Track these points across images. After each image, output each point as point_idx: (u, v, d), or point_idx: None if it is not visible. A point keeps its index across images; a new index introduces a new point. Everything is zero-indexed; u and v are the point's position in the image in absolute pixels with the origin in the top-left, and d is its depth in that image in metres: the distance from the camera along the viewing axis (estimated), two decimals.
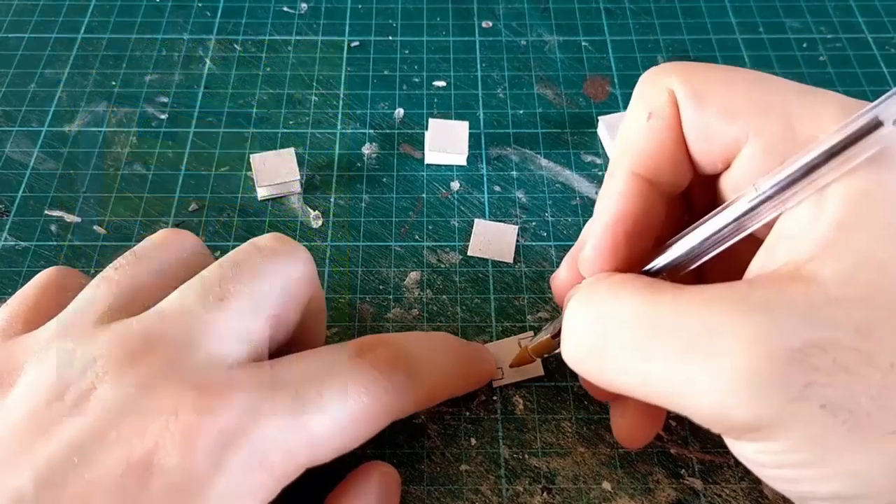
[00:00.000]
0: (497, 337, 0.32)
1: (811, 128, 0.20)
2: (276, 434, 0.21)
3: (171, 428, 0.20)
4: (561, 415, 0.30)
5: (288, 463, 0.21)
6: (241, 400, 0.21)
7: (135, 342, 0.22)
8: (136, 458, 0.19)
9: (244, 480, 0.20)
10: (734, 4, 0.47)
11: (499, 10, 0.46)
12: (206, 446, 0.20)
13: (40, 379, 0.21)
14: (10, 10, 0.46)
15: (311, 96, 0.41)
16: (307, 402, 0.22)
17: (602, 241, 0.24)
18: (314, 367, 0.23)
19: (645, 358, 0.20)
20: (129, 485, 0.19)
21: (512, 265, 0.35)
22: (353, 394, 0.23)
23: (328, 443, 0.22)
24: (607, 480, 0.29)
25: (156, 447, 0.20)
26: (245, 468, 0.20)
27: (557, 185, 0.38)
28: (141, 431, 0.20)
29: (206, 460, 0.20)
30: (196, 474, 0.20)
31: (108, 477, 0.19)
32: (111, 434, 0.20)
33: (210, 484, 0.20)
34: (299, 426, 0.21)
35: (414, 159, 0.39)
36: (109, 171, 0.38)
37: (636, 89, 0.24)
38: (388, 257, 0.35)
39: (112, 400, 0.20)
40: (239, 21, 0.45)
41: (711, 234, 0.22)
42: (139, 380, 0.21)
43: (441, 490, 0.28)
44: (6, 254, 0.35)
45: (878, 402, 0.18)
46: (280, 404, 0.21)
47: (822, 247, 0.19)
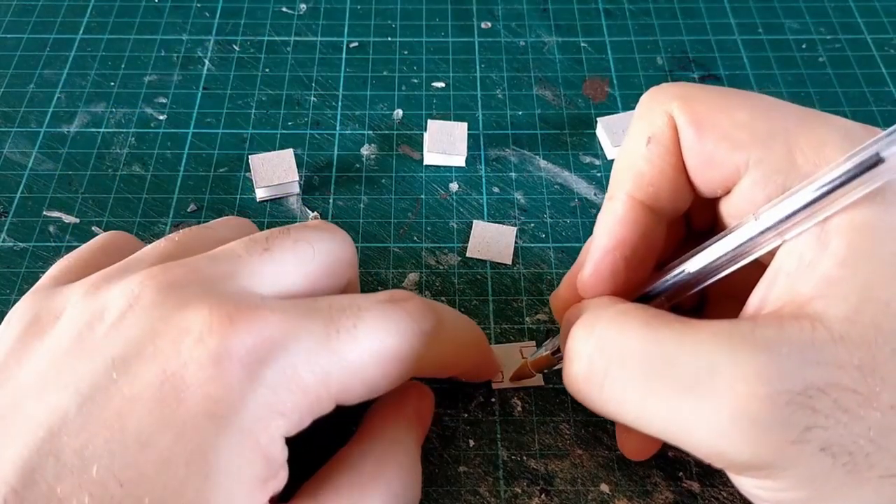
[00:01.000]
0: (496, 338, 0.32)
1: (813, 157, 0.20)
2: (309, 353, 0.21)
3: (206, 341, 0.20)
4: (559, 417, 0.30)
5: (320, 386, 0.21)
6: (274, 318, 0.21)
7: (176, 271, 0.22)
8: (172, 371, 0.20)
9: (277, 398, 0.21)
10: (733, 5, 0.47)
11: (498, 10, 0.46)
12: (240, 359, 0.20)
13: (84, 306, 0.22)
14: (8, 10, 0.46)
15: (310, 97, 0.41)
16: (340, 327, 0.22)
17: (601, 265, 0.24)
18: (348, 302, 0.23)
19: (645, 392, 0.20)
20: (165, 397, 0.20)
21: (510, 267, 0.35)
22: (386, 330, 0.23)
23: (359, 373, 0.22)
24: (605, 483, 0.29)
25: (190, 360, 0.20)
26: (278, 384, 0.21)
27: (556, 186, 0.38)
28: (176, 346, 0.20)
29: (239, 373, 0.20)
30: (230, 387, 0.20)
31: (146, 391, 0.20)
32: (148, 349, 0.20)
33: (244, 397, 0.20)
34: (332, 349, 0.22)
35: (413, 160, 0.39)
36: (108, 172, 0.38)
37: (636, 111, 0.24)
38: (386, 259, 0.35)
39: (148, 318, 0.21)
40: (238, 22, 0.45)
41: (711, 261, 0.22)
42: (176, 301, 0.21)
43: (439, 491, 0.28)
44: (5, 255, 0.35)
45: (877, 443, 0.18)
46: (314, 325, 0.22)
47: (826, 285, 0.19)
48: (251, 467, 0.20)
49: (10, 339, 0.22)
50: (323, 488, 0.23)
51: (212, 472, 0.19)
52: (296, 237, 0.24)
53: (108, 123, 0.40)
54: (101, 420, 0.19)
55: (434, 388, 0.29)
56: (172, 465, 0.19)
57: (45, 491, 0.18)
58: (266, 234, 0.24)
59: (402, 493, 0.24)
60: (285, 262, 0.24)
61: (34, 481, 0.19)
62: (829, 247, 0.19)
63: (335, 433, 0.25)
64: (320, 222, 0.27)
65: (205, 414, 0.20)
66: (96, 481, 0.19)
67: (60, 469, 0.19)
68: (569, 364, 0.23)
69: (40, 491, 0.18)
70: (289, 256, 0.24)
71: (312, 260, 0.24)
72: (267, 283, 0.23)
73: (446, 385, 0.31)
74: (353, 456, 0.24)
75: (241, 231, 0.27)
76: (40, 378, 0.21)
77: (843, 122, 0.21)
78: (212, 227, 0.27)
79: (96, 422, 0.19)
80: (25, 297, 0.24)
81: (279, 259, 0.24)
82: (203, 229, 0.27)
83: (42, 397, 0.20)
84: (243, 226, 0.28)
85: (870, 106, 0.41)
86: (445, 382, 0.31)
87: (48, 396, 0.20)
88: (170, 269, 0.23)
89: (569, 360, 0.23)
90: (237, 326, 0.21)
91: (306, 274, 0.24)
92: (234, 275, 0.23)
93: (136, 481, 0.19)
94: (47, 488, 0.18)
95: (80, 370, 0.20)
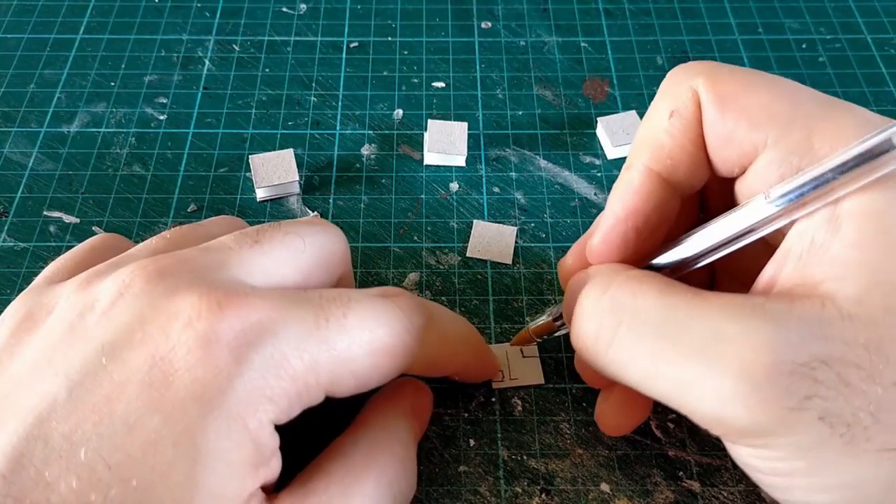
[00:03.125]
0: (496, 338, 0.32)
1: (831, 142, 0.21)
2: (298, 340, 0.21)
3: (195, 325, 0.20)
4: (559, 416, 0.30)
5: (309, 373, 0.21)
6: (263, 304, 0.21)
7: (166, 261, 0.23)
8: (161, 355, 0.20)
9: (265, 382, 0.21)
10: (733, 5, 0.47)
11: (498, 10, 0.46)
12: (228, 342, 0.20)
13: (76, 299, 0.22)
14: (9, 10, 0.46)
15: (310, 97, 0.41)
16: (330, 316, 0.22)
17: (612, 233, 0.24)
18: (338, 293, 0.23)
19: (653, 354, 0.21)
20: (154, 381, 0.20)
21: (511, 266, 0.35)
22: (376, 322, 0.23)
23: (348, 364, 0.22)
24: (606, 482, 0.29)
25: (179, 344, 0.20)
26: (266, 369, 0.21)
27: (556, 186, 0.38)
28: (165, 330, 0.20)
29: (227, 356, 0.20)
30: (217, 370, 0.20)
31: (135, 375, 0.20)
32: (137, 334, 0.21)
33: (231, 380, 0.20)
34: (321, 338, 0.22)
35: (413, 160, 0.39)
36: (108, 172, 0.38)
37: (662, 85, 0.24)
38: (386, 258, 0.35)
39: (138, 304, 0.21)
40: (238, 22, 0.45)
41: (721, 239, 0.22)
42: (166, 288, 0.21)
43: (440, 491, 0.28)
44: (5, 254, 0.35)
45: (877, 417, 0.18)
46: (303, 313, 0.22)
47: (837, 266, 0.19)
48: (240, 451, 0.20)
49: (2, 336, 0.22)
50: (314, 476, 0.23)
51: (200, 454, 0.19)
52: (286, 230, 0.24)
53: (108, 123, 0.40)
54: (90, 405, 0.20)
55: (434, 387, 0.29)
56: (160, 447, 0.19)
57: (34, 475, 0.19)
58: (256, 228, 0.25)
59: (395, 482, 0.24)
60: (276, 255, 0.24)
61: (22, 466, 0.19)
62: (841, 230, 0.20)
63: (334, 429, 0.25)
64: (312, 218, 0.27)
65: (192, 397, 0.20)
66: (84, 464, 0.19)
67: (49, 453, 0.19)
68: (578, 322, 0.23)
69: (28, 475, 0.19)
70: (279, 249, 0.24)
71: (303, 253, 0.24)
72: (257, 273, 0.23)
73: (447, 385, 0.31)
74: (346, 444, 0.24)
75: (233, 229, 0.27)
76: (31, 368, 0.21)
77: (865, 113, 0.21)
78: (203, 225, 0.27)
79: (85, 406, 0.20)
80: (19, 297, 0.24)
81: (269, 251, 0.24)
82: (195, 227, 0.27)
83: (33, 386, 0.20)
84: (235, 224, 0.28)
85: (870, 106, 0.41)
86: (444, 382, 0.31)
87: (39, 384, 0.20)
88: (160, 259, 0.23)
89: (579, 319, 0.23)
90: (226, 311, 0.21)
91: (297, 266, 0.24)
92: (224, 264, 0.23)
93: (123, 464, 0.19)
94: (35, 472, 0.19)
95: (71, 357, 0.21)
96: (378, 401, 0.26)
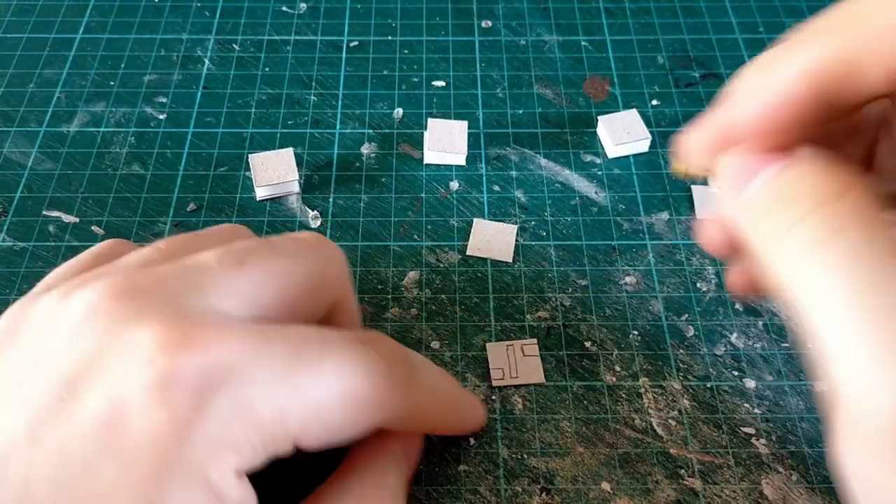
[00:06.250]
0: (496, 336, 0.32)
1: None
2: (267, 385, 0.20)
3: (155, 361, 0.19)
4: (560, 415, 0.30)
5: (276, 423, 0.20)
6: (232, 341, 0.20)
7: (136, 278, 0.21)
8: (118, 394, 0.19)
9: (228, 430, 0.19)
10: (734, 4, 0.46)
11: (498, 9, 0.46)
12: (189, 384, 0.19)
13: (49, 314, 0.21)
14: (8, 10, 0.46)
15: (310, 96, 0.41)
16: (305, 361, 0.20)
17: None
18: (317, 335, 0.22)
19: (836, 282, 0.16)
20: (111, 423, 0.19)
21: (511, 265, 0.35)
22: (353, 371, 0.21)
23: (320, 414, 0.21)
24: (606, 481, 0.29)
25: (137, 382, 0.19)
26: (229, 415, 0.19)
27: (557, 184, 0.38)
28: (124, 365, 0.19)
29: (188, 400, 0.19)
30: (177, 415, 0.19)
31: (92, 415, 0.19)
32: (96, 368, 0.19)
33: (191, 427, 0.19)
34: (292, 384, 0.20)
35: (413, 159, 0.39)
36: (108, 172, 0.38)
37: None
38: (386, 257, 0.35)
39: (100, 330, 0.20)
40: (238, 21, 0.45)
41: None
42: (130, 312, 0.20)
43: (440, 490, 0.28)
44: (4, 254, 0.35)
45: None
46: (276, 354, 0.20)
47: None
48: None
49: None
50: None
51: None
52: (276, 251, 0.23)
53: (107, 123, 0.40)
54: (48, 445, 0.19)
55: None
56: (115, 498, 0.18)
57: None
58: (244, 245, 0.23)
59: None
60: (259, 279, 0.22)
61: None
62: None
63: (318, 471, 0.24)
64: (310, 234, 0.25)
65: (149, 444, 0.18)
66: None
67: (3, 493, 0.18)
68: (773, 191, 0.18)
69: None
70: (264, 273, 0.22)
71: (291, 277, 0.23)
72: (235, 299, 0.21)
73: None
74: (333, 495, 0.23)
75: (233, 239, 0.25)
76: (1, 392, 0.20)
77: None
78: (203, 235, 0.26)
79: (42, 447, 0.19)
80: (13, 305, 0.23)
81: (253, 274, 0.22)
82: (192, 237, 0.25)
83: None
84: (238, 234, 0.26)
85: None
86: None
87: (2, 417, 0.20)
88: (131, 277, 0.21)
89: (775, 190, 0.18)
90: (190, 347, 0.19)
91: (282, 293, 0.22)
92: (199, 287, 0.21)
93: None
94: None
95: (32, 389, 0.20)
96: (367, 443, 0.25)
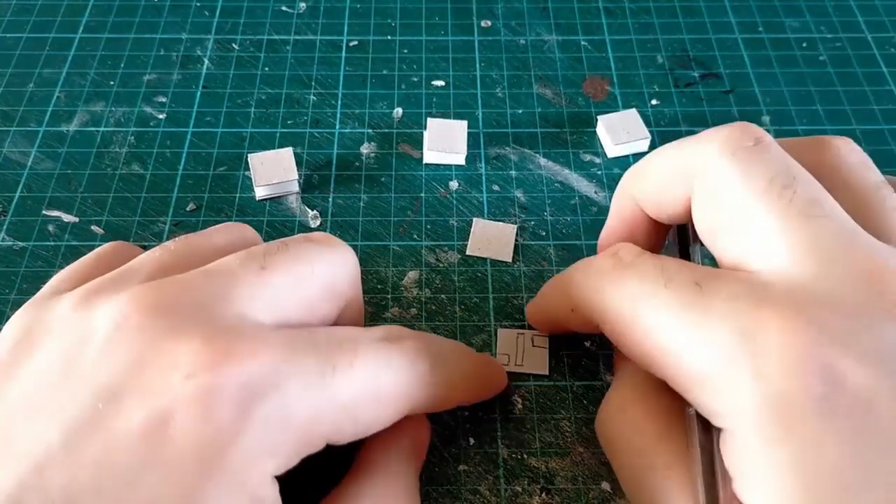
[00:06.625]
0: (495, 336, 0.32)
1: None
2: (303, 392, 0.20)
3: (197, 376, 0.19)
4: (560, 414, 0.30)
5: (312, 426, 0.21)
6: (268, 352, 0.20)
7: (167, 289, 0.21)
8: (160, 406, 0.19)
9: (268, 437, 0.20)
10: (734, 4, 0.46)
11: (498, 9, 0.46)
12: (231, 397, 0.19)
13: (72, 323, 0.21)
14: (8, 9, 0.46)
15: (310, 96, 0.41)
16: (337, 365, 0.21)
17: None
18: (345, 336, 0.22)
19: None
20: (152, 434, 0.19)
21: (511, 264, 0.35)
22: (384, 369, 0.22)
23: (352, 413, 0.22)
24: (606, 481, 0.29)
25: (180, 396, 0.19)
26: (270, 424, 0.20)
27: (556, 184, 0.38)
28: (165, 379, 0.19)
29: (230, 412, 0.19)
30: (220, 427, 0.19)
31: (133, 426, 0.19)
32: (135, 381, 0.20)
33: (234, 438, 0.19)
34: (326, 387, 0.21)
35: (412, 159, 0.39)
36: (107, 171, 0.38)
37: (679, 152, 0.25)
38: (386, 257, 0.35)
39: (137, 344, 0.20)
40: (237, 21, 0.45)
41: None
42: (167, 326, 0.20)
43: (439, 490, 0.28)
44: (4, 254, 0.35)
45: None
46: (310, 361, 0.21)
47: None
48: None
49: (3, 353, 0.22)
50: None
51: None
52: (295, 255, 0.23)
53: (107, 122, 0.40)
54: (87, 455, 0.19)
55: None
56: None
57: None
58: (263, 250, 0.23)
59: None
60: (281, 284, 0.23)
61: None
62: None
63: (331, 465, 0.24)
64: (322, 235, 0.25)
65: (193, 455, 0.19)
66: None
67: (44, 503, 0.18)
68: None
69: None
70: (285, 276, 0.23)
71: (311, 281, 0.23)
72: (261, 307, 0.22)
73: None
74: (349, 496, 0.23)
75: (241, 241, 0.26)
76: (28, 402, 0.20)
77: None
78: (208, 234, 0.26)
79: (82, 457, 0.19)
80: (22, 308, 0.23)
81: (275, 279, 0.23)
82: (199, 237, 0.26)
83: (30, 425, 0.20)
84: (243, 233, 0.27)
85: (871, 105, 0.41)
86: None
87: (35, 425, 0.19)
88: (161, 288, 0.21)
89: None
90: (231, 362, 0.20)
91: (303, 297, 0.23)
92: (228, 296, 0.22)
93: None
94: None
95: (66, 399, 0.20)
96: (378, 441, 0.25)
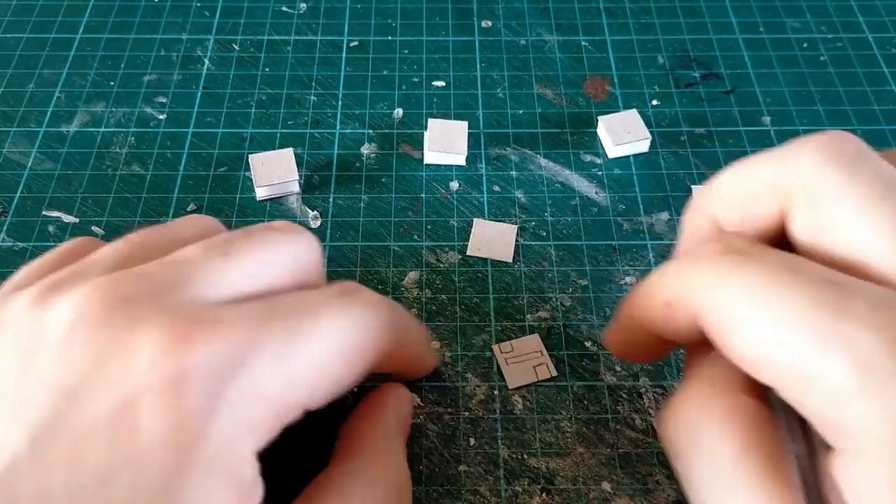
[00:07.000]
0: (496, 336, 0.32)
1: None
2: (272, 362, 0.20)
3: (160, 364, 0.19)
4: (560, 415, 0.30)
5: (286, 395, 0.20)
6: (231, 330, 0.20)
7: (124, 281, 0.21)
8: (125, 400, 0.18)
9: (244, 415, 0.19)
10: (734, 4, 0.46)
11: (498, 9, 0.46)
12: (198, 381, 0.19)
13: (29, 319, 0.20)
14: (8, 10, 0.46)
15: (310, 96, 0.41)
16: (303, 326, 0.21)
17: None
18: (305, 298, 0.22)
19: None
20: (121, 429, 0.18)
21: (511, 265, 0.35)
22: (345, 325, 0.22)
23: (324, 372, 0.21)
24: (607, 481, 0.28)
25: (145, 386, 0.18)
26: (243, 403, 0.19)
27: (557, 184, 0.38)
28: (128, 371, 0.19)
29: (199, 397, 0.19)
30: (191, 413, 0.18)
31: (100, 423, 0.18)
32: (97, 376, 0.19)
33: (207, 422, 0.19)
34: (295, 352, 0.20)
35: (413, 159, 0.39)
36: (108, 172, 0.38)
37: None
38: (386, 257, 0.35)
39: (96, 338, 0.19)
40: (238, 21, 0.45)
41: None
42: (125, 318, 0.20)
43: (440, 491, 0.28)
44: (4, 254, 0.35)
45: None
46: (276, 329, 0.20)
47: None
48: (221, 495, 0.19)
49: None
50: None
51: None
52: (258, 240, 0.23)
53: (107, 123, 0.40)
54: (56, 458, 0.18)
55: (434, 385, 0.29)
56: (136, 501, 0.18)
57: None
58: (225, 237, 0.23)
59: None
60: (245, 268, 0.22)
61: None
62: None
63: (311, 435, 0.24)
64: (285, 223, 0.25)
65: (166, 446, 0.18)
66: None
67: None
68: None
69: None
70: (249, 261, 0.22)
71: (274, 267, 0.23)
72: (224, 290, 0.21)
73: (448, 383, 0.30)
74: (340, 478, 0.23)
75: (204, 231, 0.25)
76: None
77: None
78: (172, 226, 0.25)
79: (51, 460, 0.18)
80: None
81: (238, 264, 0.22)
82: (163, 229, 0.25)
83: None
84: (207, 225, 0.26)
85: (871, 105, 0.41)
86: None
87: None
88: (118, 280, 0.21)
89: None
90: (194, 345, 0.19)
91: (268, 283, 0.23)
92: (189, 282, 0.21)
93: None
94: None
95: (27, 400, 0.19)
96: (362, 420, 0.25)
